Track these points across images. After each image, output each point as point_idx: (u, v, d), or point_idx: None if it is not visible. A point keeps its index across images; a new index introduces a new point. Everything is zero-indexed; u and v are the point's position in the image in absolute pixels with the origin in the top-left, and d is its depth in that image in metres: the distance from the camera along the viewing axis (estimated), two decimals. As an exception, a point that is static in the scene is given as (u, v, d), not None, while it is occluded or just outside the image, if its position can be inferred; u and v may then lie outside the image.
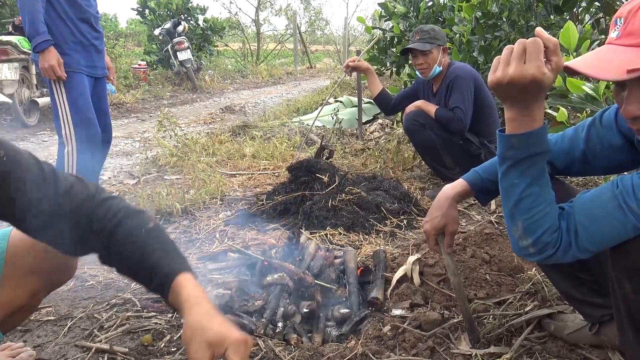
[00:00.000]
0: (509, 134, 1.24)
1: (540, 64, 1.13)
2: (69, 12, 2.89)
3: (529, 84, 1.14)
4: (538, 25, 4.26)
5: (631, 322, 1.29)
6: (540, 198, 1.25)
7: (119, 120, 7.62)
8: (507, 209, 1.31)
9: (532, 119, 1.20)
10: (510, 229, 1.32)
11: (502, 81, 1.17)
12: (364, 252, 2.70)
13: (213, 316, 1.12)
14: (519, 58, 1.15)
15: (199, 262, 2.64)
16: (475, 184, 1.68)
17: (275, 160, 4.59)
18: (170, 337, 1.96)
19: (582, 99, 2.27)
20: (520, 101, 1.19)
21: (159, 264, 1.19)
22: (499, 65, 1.18)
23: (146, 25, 12.15)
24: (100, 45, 3.12)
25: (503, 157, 1.27)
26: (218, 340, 1.08)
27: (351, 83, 9.24)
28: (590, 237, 1.22)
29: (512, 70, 1.15)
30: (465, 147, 3.55)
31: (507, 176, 1.28)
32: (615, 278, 1.29)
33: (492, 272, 2.26)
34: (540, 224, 1.24)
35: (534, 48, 1.14)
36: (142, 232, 1.22)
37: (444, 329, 1.90)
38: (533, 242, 1.26)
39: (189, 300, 1.14)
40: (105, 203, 1.24)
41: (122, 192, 3.91)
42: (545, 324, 1.89)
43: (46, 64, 2.79)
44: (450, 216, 1.67)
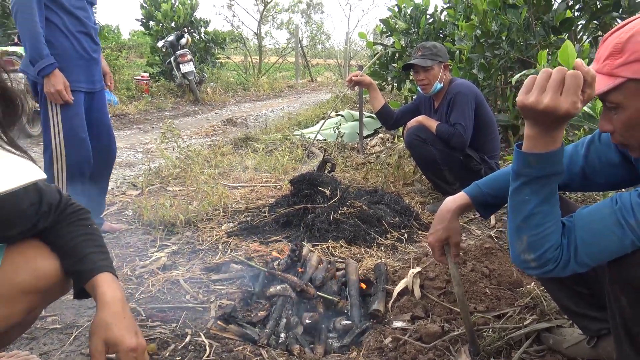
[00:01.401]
0: (528, 151, 1.25)
1: (577, 100, 1.14)
2: (69, 26, 2.81)
3: (560, 116, 1.16)
4: (537, 44, 4.34)
5: (627, 336, 1.32)
6: (549, 216, 1.27)
7: (121, 132, 7.68)
8: (514, 223, 1.33)
9: (553, 140, 1.22)
10: (513, 241, 1.34)
11: (535, 107, 1.17)
12: (365, 265, 2.73)
13: (120, 318, 1.27)
14: (556, 88, 1.15)
15: (202, 273, 2.67)
16: (476, 197, 1.72)
17: (277, 172, 4.64)
18: (175, 347, 1.98)
19: (579, 116, 2.32)
20: (544, 124, 1.20)
21: (89, 257, 1.36)
22: (532, 89, 1.18)
23: (150, 36, 12.24)
24: (99, 57, 3.07)
25: (518, 173, 1.29)
26: (114, 341, 1.24)
27: (352, 97, 9.32)
28: (589, 252, 1.26)
29: (548, 100, 1.15)
30: (466, 163, 3.59)
31: (519, 192, 1.30)
32: (612, 292, 1.32)
33: (491, 285, 2.29)
34: (546, 240, 1.27)
35: (573, 83, 1.14)
36: (88, 226, 1.42)
37: (444, 342, 1.93)
38: (536, 258, 1.29)
39: (103, 298, 1.29)
40: (65, 198, 1.46)
41: (125, 203, 3.95)
42: (544, 337, 1.92)
43: (52, 88, 2.71)
44: (452, 228, 1.72)
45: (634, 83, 1.20)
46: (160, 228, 3.31)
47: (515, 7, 4.44)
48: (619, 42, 1.22)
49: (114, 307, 1.28)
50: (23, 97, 1.18)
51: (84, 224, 1.42)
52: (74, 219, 1.41)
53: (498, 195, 1.69)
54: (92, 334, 1.26)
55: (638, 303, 1.26)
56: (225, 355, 1.93)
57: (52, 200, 1.38)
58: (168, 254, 2.94)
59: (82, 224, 1.42)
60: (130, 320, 1.29)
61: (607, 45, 1.26)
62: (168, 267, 2.76)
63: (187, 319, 2.21)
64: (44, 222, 1.36)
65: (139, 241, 3.17)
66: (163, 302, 2.37)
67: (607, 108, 1.29)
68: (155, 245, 3.09)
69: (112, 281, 1.34)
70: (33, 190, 1.32)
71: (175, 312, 2.28)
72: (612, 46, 1.23)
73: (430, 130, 3.60)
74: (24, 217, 1.31)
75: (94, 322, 1.27)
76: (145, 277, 2.65)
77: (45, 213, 1.35)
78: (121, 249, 3.04)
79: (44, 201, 1.35)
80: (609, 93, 1.23)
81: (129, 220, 3.56)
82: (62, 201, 1.41)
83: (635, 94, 1.21)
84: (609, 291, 1.34)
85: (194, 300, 2.39)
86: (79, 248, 1.37)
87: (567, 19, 4.24)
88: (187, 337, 2.05)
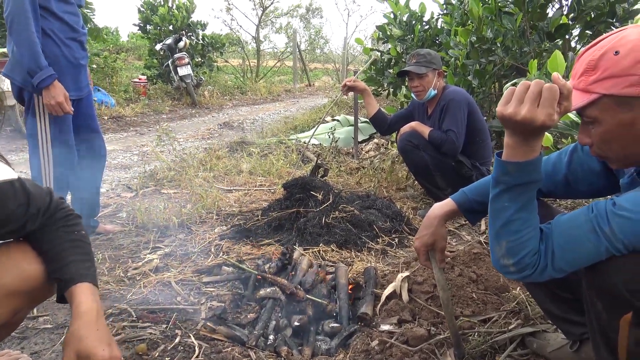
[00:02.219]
0: (506, 160, 1.29)
1: (552, 112, 1.19)
2: (59, 33, 2.78)
3: (537, 127, 1.21)
4: (531, 51, 4.38)
5: (604, 340, 1.35)
6: (527, 222, 1.31)
7: (117, 134, 7.70)
8: (493, 228, 1.37)
9: (531, 149, 1.26)
10: (493, 247, 1.38)
11: (512, 118, 1.21)
12: (355, 268, 2.76)
13: (93, 330, 1.27)
14: (533, 100, 1.19)
15: (194, 275, 2.69)
16: (462, 204, 1.75)
17: (271, 176, 4.66)
18: (165, 347, 2.01)
19: (567, 125, 2.36)
20: (522, 134, 1.25)
21: (71, 265, 1.36)
22: (511, 100, 1.22)
23: (148, 39, 12.26)
24: (86, 63, 3.04)
25: (497, 180, 1.33)
26: (86, 353, 1.23)
27: (348, 102, 9.36)
28: (565, 258, 1.29)
29: (525, 111, 1.19)
30: (458, 169, 3.63)
31: (498, 199, 1.34)
32: (589, 297, 1.36)
33: (478, 290, 2.32)
34: (524, 246, 1.31)
35: (549, 95, 1.18)
36: (76, 233, 1.42)
37: (430, 345, 1.96)
38: (515, 263, 1.33)
39: (78, 309, 1.29)
40: (56, 201, 1.45)
41: (119, 205, 3.97)
42: (528, 341, 1.95)
43: (52, 100, 2.68)
44: (438, 234, 1.75)
45: (608, 99, 1.24)
46: (154, 230, 3.34)
47: (511, 14, 4.49)
48: (592, 59, 1.27)
49: (87, 318, 1.28)
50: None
51: (72, 230, 1.42)
52: (62, 224, 1.41)
53: (484, 202, 1.72)
54: (65, 345, 1.26)
55: (613, 308, 1.29)
56: (214, 356, 1.96)
57: (41, 204, 1.38)
58: (161, 256, 2.96)
59: (70, 230, 1.42)
60: (103, 332, 1.29)
61: (582, 61, 1.30)
62: (160, 269, 2.79)
63: (177, 320, 2.23)
64: (32, 225, 1.37)
65: (132, 243, 3.19)
66: (154, 304, 2.39)
67: (585, 122, 1.34)
68: (148, 247, 3.11)
69: (89, 292, 1.33)
70: (21, 191, 1.32)
71: (166, 313, 2.31)
72: (586, 63, 1.28)
73: (423, 136, 3.64)
74: (13, 217, 1.31)
75: (67, 333, 1.28)
76: (137, 279, 2.67)
77: (33, 215, 1.36)
78: (114, 251, 3.07)
79: (32, 203, 1.34)
80: (586, 108, 1.28)
81: (122, 222, 3.58)
82: (51, 204, 1.42)
83: (610, 109, 1.25)
84: (586, 296, 1.37)
85: (184, 301, 2.42)
86: (62, 254, 1.37)
87: (562, 25, 4.28)
88: (177, 338, 2.07)
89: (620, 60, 1.22)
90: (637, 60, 1.20)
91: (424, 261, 1.82)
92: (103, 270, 2.79)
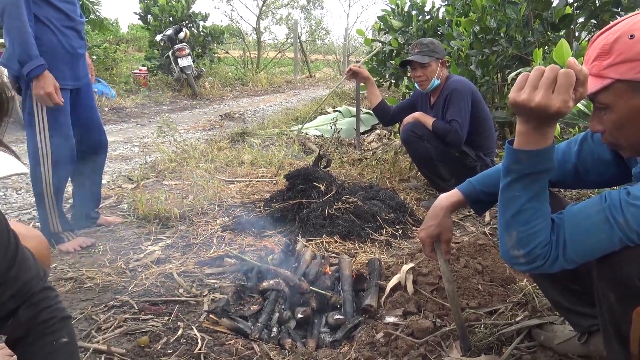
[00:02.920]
0: (518, 148, 1.25)
1: (568, 99, 1.14)
2: (55, 21, 2.73)
3: (551, 115, 1.16)
4: (535, 41, 4.34)
5: (616, 332, 1.33)
6: (538, 212, 1.27)
7: (118, 125, 7.66)
8: (503, 218, 1.33)
9: (544, 137, 1.22)
10: (502, 237, 1.34)
11: (526, 105, 1.17)
12: (359, 260, 2.73)
13: None
14: (547, 86, 1.15)
15: (196, 267, 2.67)
16: (469, 194, 1.72)
17: (273, 167, 4.63)
18: (167, 340, 1.99)
19: (574, 114, 2.33)
20: (535, 121, 1.21)
21: None
22: (525, 86, 1.18)
23: (148, 30, 12.19)
24: (84, 52, 2.99)
25: (508, 169, 1.29)
26: None
27: (350, 93, 9.31)
28: (577, 249, 1.26)
29: (539, 98, 1.15)
30: (462, 160, 3.59)
31: (509, 188, 1.30)
32: (600, 288, 1.33)
33: (484, 282, 2.30)
34: (535, 237, 1.27)
35: (565, 81, 1.14)
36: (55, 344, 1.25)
37: (435, 337, 1.93)
38: (525, 254, 1.29)
39: None
40: (45, 291, 1.27)
41: (120, 197, 3.95)
42: (535, 333, 1.93)
43: (41, 91, 2.64)
44: (444, 225, 1.73)
45: (621, 84, 1.20)
46: (155, 222, 3.31)
47: (515, 4, 4.44)
48: (606, 43, 1.23)
49: None
50: (7, 91, 1.13)
51: (50, 340, 1.25)
52: (49, 331, 1.25)
53: (491, 192, 1.70)
54: None
55: (626, 300, 1.26)
56: (217, 348, 1.94)
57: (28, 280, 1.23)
58: (162, 247, 2.94)
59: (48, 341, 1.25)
60: None
61: (596, 46, 1.26)
62: (162, 261, 2.77)
63: (179, 313, 2.21)
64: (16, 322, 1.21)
65: (134, 235, 3.17)
66: (156, 296, 2.37)
67: (597, 108, 1.30)
68: (150, 239, 3.09)
69: None
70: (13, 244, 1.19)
71: (168, 305, 2.29)
72: (600, 47, 1.24)
73: (426, 126, 3.60)
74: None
75: None
76: (139, 271, 2.65)
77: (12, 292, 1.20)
78: (115, 242, 3.04)
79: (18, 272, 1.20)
80: (598, 94, 1.24)
81: (124, 213, 3.56)
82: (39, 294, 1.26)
83: (623, 95, 1.21)
84: (597, 288, 1.34)
85: (187, 293, 2.39)
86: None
87: (567, 16, 4.23)
88: (179, 331, 2.05)
89: (636, 44, 1.18)
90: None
91: (429, 252, 1.80)
92: (104, 262, 2.77)
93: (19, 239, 1.22)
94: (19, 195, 4.10)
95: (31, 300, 1.23)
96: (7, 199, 3.99)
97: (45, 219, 2.93)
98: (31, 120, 2.77)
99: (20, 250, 1.22)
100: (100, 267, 2.70)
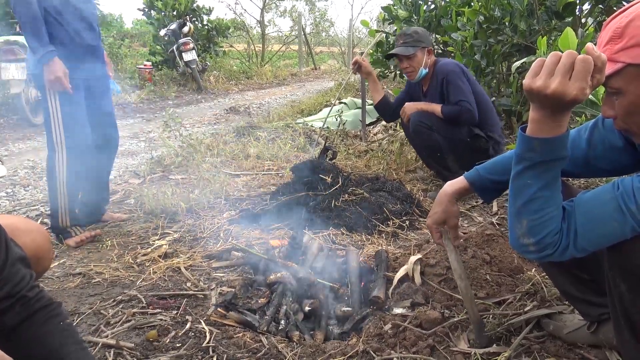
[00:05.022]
0: (532, 136, 1.22)
1: (585, 86, 1.11)
2: (64, 14, 2.80)
3: (568, 102, 1.13)
4: (540, 29, 4.29)
5: (627, 322, 1.32)
6: (550, 201, 1.25)
7: (124, 120, 7.67)
8: (514, 206, 1.31)
9: (559, 124, 1.19)
10: (513, 225, 1.33)
11: (542, 91, 1.14)
12: (366, 252, 2.73)
13: None
14: (565, 73, 1.12)
15: (203, 261, 2.67)
16: (475, 182, 1.72)
17: (279, 160, 4.63)
18: (175, 333, 1.99)
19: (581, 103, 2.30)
20: (550, 108, 1.18)
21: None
22: (540, 72, 1.15)
23: (152, 25, 12.18)
24: (98, 44, 3.04)
25: (521, 157, 1.26)
26: None
27: (355, 85, 9.28)
28: (588, 237, 1.24)
29: (556, 84, 1.12)
30: (474, 144, 3.55)
31: (521, 176, 1.28)
32: (611, 277, 1.31)
33: (492, 272, 2.29)
34: (546, 225, 1.25)
35: (583, 67, 1.10)
36: (62, 324, 1.32)
37: (444, 328, 1.93)
38: (535, 242, 1.28)
39: None
40: (35, 288, 1.30)
41: (127, 192, 3.96)
42: (544, 323, 1.91)
43: (52, 76, 2.72)
44: (450, 211, 1.74)
45: (633, 68, 1.18)
46: (162, 216, 3.32)
47: (518, -8, 4.39)
48: (618, 26, 1.20)
49: None
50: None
51: (59, 320, 1.32)
52: (47, 315, 1.30)
53: (497, 180, 1.69)
54: None
55: (637, 289, 1.24)
56: (225, 342, 1.94)
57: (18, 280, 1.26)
58: (170, 241, 2.94)
59: (57, 321, 1.32)
60: None
61: (608, 29, 1.24)
62: (169, 255, 2.77)
63: (187, 306, 2.22)
64: (11, 318, 1.24)
65: (141, 229, 3.18)
66: (164, 290, 2.37)
67: (609, 93, 1.27)
68: (157, 233, 3.09)
69: None
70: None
71: (176, 299, 2.29)
72: (612, 31, 1.21)
73: (435, 114, 3.56)
74: None
75: None
76: (146, 265, 2.66)
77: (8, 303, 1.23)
78: (123, 237, 3.05)
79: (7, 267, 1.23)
80: (610, 78, 1.21)
81: (131, 208, 3.57)
82: (32, 289, 1.29)
83: (635, 79, 1.19)
84: (608, 277, 1.33)
85: (194, 287, 2.40)
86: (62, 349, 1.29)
87: (570, 4, 4.18)
88: (188, 324, 2.05)
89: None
90: None
91: (437, 239, 1.80)
92: (112, 257, 2.78)
93: (9, 241, 1.23)
94: (27, 191, 4.12)
95: (24, 299, 1.26)
96: (15, 196, 4.00)
97: (56, 211, 2.96)
98: (47, 111, 2.86)
99: (10, 254, 1.23)
100: (108, 262, 2.71)
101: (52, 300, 1.32)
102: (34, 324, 1.27)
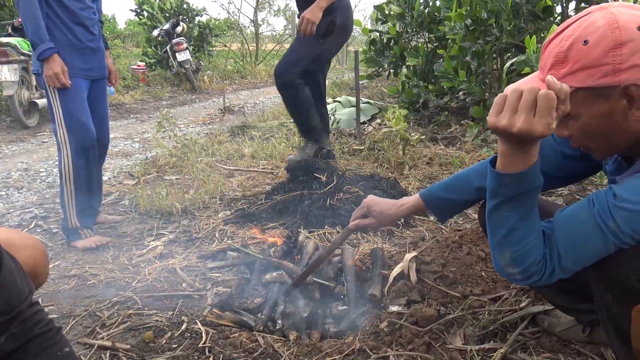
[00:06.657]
0: (503, 172, 1.20)
1: (551, 121, 1.09)
2: (62, 16, 2.83)
3: (535, 137, 1.12)
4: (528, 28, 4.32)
5: (616, 332, 1.32)
6: (530, 229, 1.24)
7: (118, 121, 7.65)
8: (494, 239, 1.29)
9: (529, 155, 1.18)
10: (496, 256, 1.31)
11: (507, 130, 1.12)
12: (361, 250, 2.73)
13: None
14: (528, 110, 1.09)
15: (199, 261, 2.67)
16: (428, 201, 1.80)
17: (274, 160, 4.62)
18: (171, 334, 1.99)
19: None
20: (517, 143, 1.16)
21: None
22: (503, 111, 1.13)
23: (144, 25, 12.15)
24: (97, 46, 3.06)
25: (494, 192, 1.25)
26: None
27: (349, 83, 9.28)
28: (572, 258, 1.23)
29: (521, 123, 1.10)
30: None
31: (497, 210, 1.26)
32: (598, 290, 1.33)
33: (487, 269, 2.30)
34: (529, 254, 1.24)
35: (546, 104, 1.08)
36: (60, 355, 1.23)
37: (440, 325, 1.93)
38: (521, 271, 1.26)
39: None
40: (33, 306, 1.23)
41: (121, 193, 3.95)
42: (540, 319, 1.92)
43: (50, 71, 2.75)
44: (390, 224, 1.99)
45: (583, 91, 1.17)
46: (157, 217, 3.31)
47: (502, -5, 4.42)
48: (560, 51, 1.19)
49: None
50: None
51: (55, 351, 1.24)
52: (44, 346, 1.21)
53: (454, 199, 1.75)
54: None
55: (624, 300, 1.25)
56: (222, 342, 1.94)
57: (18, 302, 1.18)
58: (165, 242, 2.94)
59: (54, 352, 1.23)
60: None
61: (549, 53, 1.22)
62: (165, 256, 2.77)
63: (183, 307, 2.21)
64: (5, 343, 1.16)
65: (136, 230, 3.17)
66: (160, 291, 2.37)
67: None
68: (152, 234, 3.09)
69: None
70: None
71: (172, 300, 2.29)
72: (554, 56, 1.20)
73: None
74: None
75: None
76: (142, 266, 2.65)
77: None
78: (118, 238, 3.04)
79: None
80: None
81: (125, 209, 3.56)
82: (28, 310, 1.21)
83: (586, 101, 1.19)
84: (595, 289, 1.34)
85: (190, 288, 2.40)
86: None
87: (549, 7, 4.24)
88: (184, 325, 2.05)
89: (591, 50, 1.14)
90: (608, 47, 1.13)
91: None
92: (107, 258, 2.77)
93: (3, 252, 1.17)
94: (21, 194, 4.10)
95: (21, 317, 1.18)
96: (8, 198, 3.99)
97: (65, 211, 2.97)
98: (51, 110, 2.90)
99: (5, 268, 1.16)
100: (103, 264, 2.71)
101: (51, 324, 1.24)
102: (28, 354, 1.18)
